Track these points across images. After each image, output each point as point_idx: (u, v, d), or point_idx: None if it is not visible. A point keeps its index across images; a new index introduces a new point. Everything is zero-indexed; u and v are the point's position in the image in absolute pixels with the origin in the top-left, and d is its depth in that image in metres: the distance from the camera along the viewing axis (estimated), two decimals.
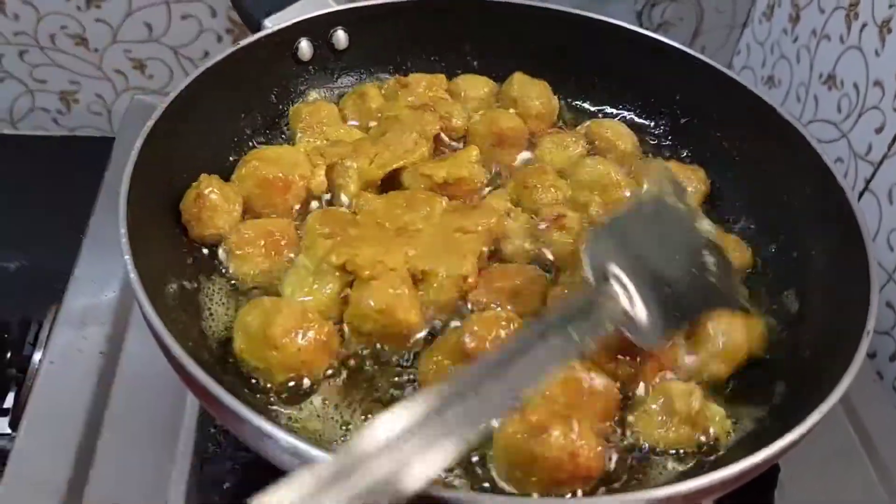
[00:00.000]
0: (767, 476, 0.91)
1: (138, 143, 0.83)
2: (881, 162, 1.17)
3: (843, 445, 1.03)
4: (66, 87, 1.55)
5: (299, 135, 1.01)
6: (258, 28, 1.04)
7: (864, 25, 1.20)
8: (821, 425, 1.02)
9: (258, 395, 0.77)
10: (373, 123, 1.05)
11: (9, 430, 0.95)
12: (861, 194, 1.21)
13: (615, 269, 0.73)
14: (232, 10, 1.43)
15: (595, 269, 0.73)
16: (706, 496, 0.67)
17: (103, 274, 1.05)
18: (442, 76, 1.12)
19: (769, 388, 0.84)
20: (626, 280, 0.73)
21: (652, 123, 1.16)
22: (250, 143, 1.02)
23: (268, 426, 0.63)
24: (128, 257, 0.72)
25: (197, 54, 1.53)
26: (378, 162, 0.95)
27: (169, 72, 1.55)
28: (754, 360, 0.85)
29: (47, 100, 1.57)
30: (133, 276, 0.71)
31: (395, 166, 0.95)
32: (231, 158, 0.98)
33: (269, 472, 0.82)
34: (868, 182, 1.20)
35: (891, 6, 1.15)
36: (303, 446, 0.61)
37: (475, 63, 1.16)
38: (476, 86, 1.12)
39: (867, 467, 1.02)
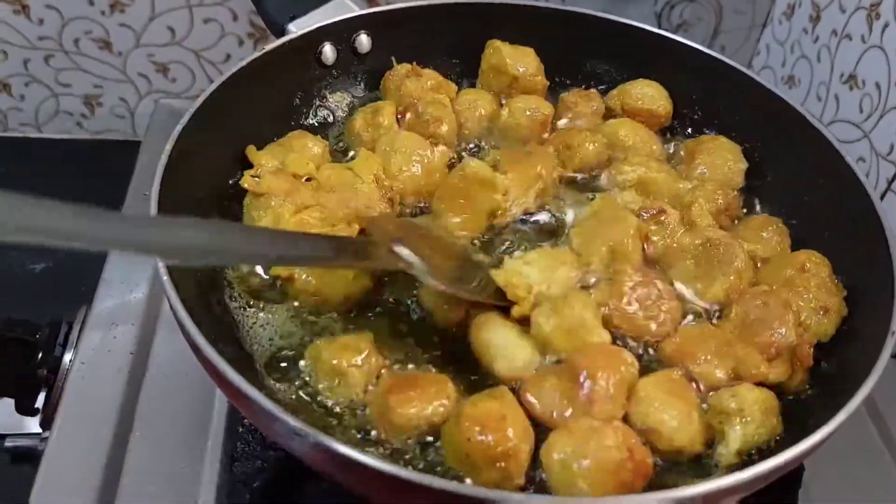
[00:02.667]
0: (792, 475, 0.91)
1: (168, 146, 0.85)
2: None
3: (866, 446, 1.03)
4: (91, 90, 1.57)
5: (265, 149, 0.99)
6: (283, 33, 1.06)
7: (885, 25, 1.20)
8: (845, 426, 1.03)
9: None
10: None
11: (40, 430, 0.97)
12: (883, 194, 1.20)
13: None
14: (254, 13, 1.44)
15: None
16: (730, 496, 0.68)
17: (132, 275, 1.06)
18: (452, 86, 1.12)
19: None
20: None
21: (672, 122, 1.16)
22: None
23: (298, 424, 0.63)
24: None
25: (219, 58, 1.54)
26: (297, 218, 0.90)
27: (191, 75, 1.56)
28: None
29: (72, 103, 1.59)
30: (163, 271, 0.72)
31: (311, 231, 0.89)
32: None
33: (298, 471, 0.84)
34: (890, 182, 1.19)
35: None
36: (332, 443, 0.62)
37: None
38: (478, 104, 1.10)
39: (891, 467, 1.02)
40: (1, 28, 1.46)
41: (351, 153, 1.05)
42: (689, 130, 1.15)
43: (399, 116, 1.07)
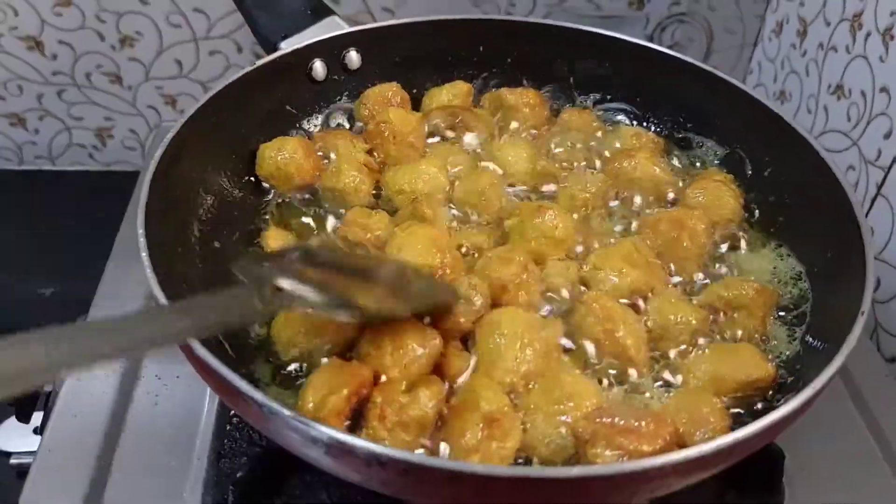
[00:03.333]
0: (773, 467, 0.91)
1: (158, 153, 0.88)
2: (891, 166, 1.17)
3: (860, 449, 1.02)
4: (102, 123, 1.63)
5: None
6: (275, 52, 1.09)
7: (868, 34, 1.22)
8: (838, 428, 1.02)
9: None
10: None
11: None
12: (873, 200, 1.21)
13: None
14: (257, 44, 1.49)
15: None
16: (701, 469, 0.68)
17: (125, 292, 1.08)
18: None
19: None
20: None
21: (658, 134, 1.18)
22: None
23: (297, 417, 0.64)
24: (144, 254, 0.77)
25: None
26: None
27: None
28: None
29: (84, 136, 1.65)
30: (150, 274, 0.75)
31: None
32: (248, 176, 1.03)
33: (279, 466, 0.85)
34: (879, 187, 1.20)
35: (892, 14, 1.16)
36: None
37: (485, 78, 1.21)
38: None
39: (885, 471, 1.00)
40: (16, 64, 1.52)
41: None
42: (676, 142, 1.18)
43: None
